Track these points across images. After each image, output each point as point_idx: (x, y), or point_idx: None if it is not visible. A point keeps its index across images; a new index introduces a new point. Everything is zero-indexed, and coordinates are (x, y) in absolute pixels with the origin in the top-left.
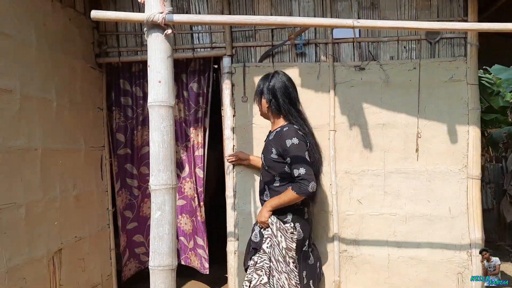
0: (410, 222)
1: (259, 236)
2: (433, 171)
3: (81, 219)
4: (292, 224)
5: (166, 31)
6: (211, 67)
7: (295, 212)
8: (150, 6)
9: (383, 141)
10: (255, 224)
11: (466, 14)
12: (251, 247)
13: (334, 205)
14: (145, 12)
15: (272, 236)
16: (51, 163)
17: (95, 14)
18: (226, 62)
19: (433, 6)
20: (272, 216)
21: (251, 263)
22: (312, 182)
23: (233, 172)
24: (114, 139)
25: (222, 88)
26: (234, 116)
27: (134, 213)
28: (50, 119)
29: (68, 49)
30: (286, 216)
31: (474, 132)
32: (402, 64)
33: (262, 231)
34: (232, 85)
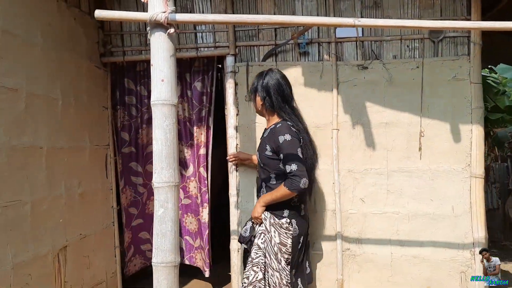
0: (413, 221)
1: (249, 231)
2: (436, 170)
3: (86, 216)
4: (288, 220)
5: (169, 30)
6: (215, 66)
7: (292, 208)
8: (153, 6)
9: (386, 140)
10: (249, 220)
11: (469, 13)
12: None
13: (337, 203)
14: (148, 11)
15: (265, 232)
16: (56, 161)
17: (99, 13)
18: (229, 61)
19: (436, 5)
20: (265, 211)
21: (249, 259)
22: (304, 178)
23: (236, 171)
24: (119, 138)
25: (226, 87)
26: (237, 115)
27: (139, 210)
28: (55, 118)
29: (73, 48)
30: (282, 212)
31: (478, 131)
32: (405, 63)
33: (255, 226)
34: (236, 84)
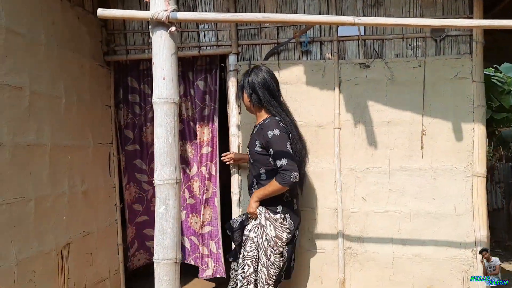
0: (414, 220)
1: (238, 222)
2: (438, 168)
3: (89, 214)
4: (282, 216)
5: (170, 29)
6: (218, 65)
7: (285, 203)
8: (155, 4)
9: (388, 138)
10: (243, 214)
11: (471, 12)
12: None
13: (339, 202)
14: (150, 10)
15: (259, 226)
16: (60, 159)
17: (101, 12)
18: (231, 60)
19: (438, 4)
20: (260, 206)
21: (243, 252)
22: (295, 172)
23: (238, 169)
24: (122, 135)
25: (228, 86)
26: (239, 113)
27: (144, 206)
28: (59, 116)
29: (76, 47)
30: (276, 208)
31: (480, 130)
32: (407, 62)
33: (250, 221)
34: (238, 82)
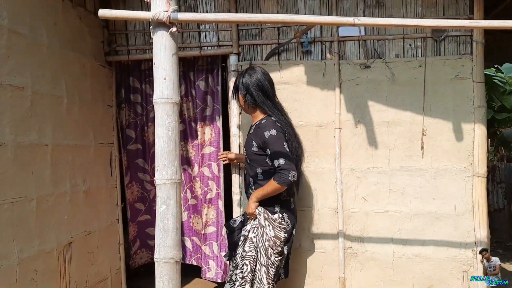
0: (415, 220)
1: (238, 222)
2: (438, 168)
3: (90, 213)
4: (280, 215)
5: (171, 29)
6: (220, 65)
7: (282, 203)
8: (156, 5)
9: (388, 138)
10: (241, 215)
11: (472, 12)
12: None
13: (339, 202)
14: (151, 10)
15: (258, 226)
16: (61, 158)
17: (102, 12)
18: (232, 60)
19: (438, 4)
20: (259, 207)
21: (242, 252)
22: (293, 171)
23: (238, 169)
24: (124, 135)
25: (229, 86)
26: (240, 113)
27: (146, 206)
28: (61, 116)
29: (78, 47)
30: (274, 208)
31: (480, 130)
32: (407, 62)
33: (249, 221)
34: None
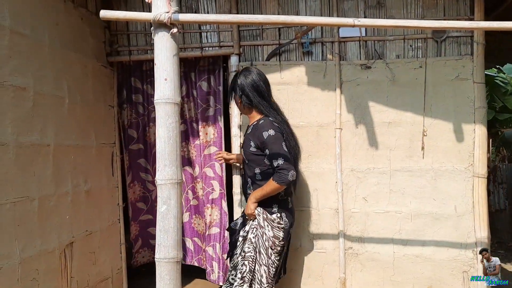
0: (415, 220)
1: (239, 225)
2: (438, 169)
3: (92, 213)
4: (278, 215)
5: (172, 30)
6: (221, 65)
7: (280, 202)
8: (157, 6)
9: (389, 139)
10: (240, 215)
11: (472, 13)
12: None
13: (340, 202)
14: (152, 11)
15: (258, 227)
16: (63, 158)
17: (104, 14)
18: (233, 60)
19: (439, 5)
20: (258, 207)
21: (241, 253)
22: (292, 171)
23: (239, 169)
24: (126, 135)
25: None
26: (241, 114)
27: (148, 206)
28: (62, 116)
29: (80, 48)
30: (272, 208)
31: (480, 130)
32: (408, 63)
33: (248, 222)
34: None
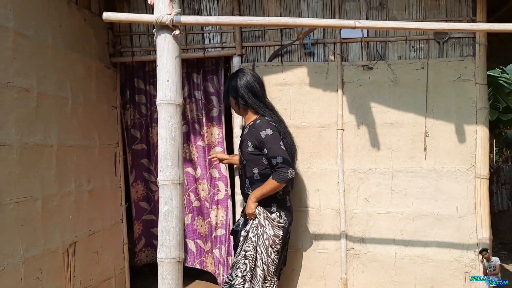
0: (417, 221)
1: (240, 226)
2: (440, 170)
3: (95, 213)
4: (278, 214)
5: (174, 32)
6: (223, 66)
7: (279, 201)
8: (159, 8)
9: (390, 140)
10: (241, 216)
11: (474, 14)
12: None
13: (342, 203)
14: (154, 13)
15: (258, 226)
16: (66, 159)
17: (107, 15)
18: (236, 61)
19: (441, 6)
20: (258, 207)
21: (241, 252)
22: (290, 169)
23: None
24: (129, 135)
25: None
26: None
27: (151, 206)
28: (65, 117)
29: (83, 49)
30: (271, 207)
31: (482, 132)
32: (410, 64)
33: (249, 221)
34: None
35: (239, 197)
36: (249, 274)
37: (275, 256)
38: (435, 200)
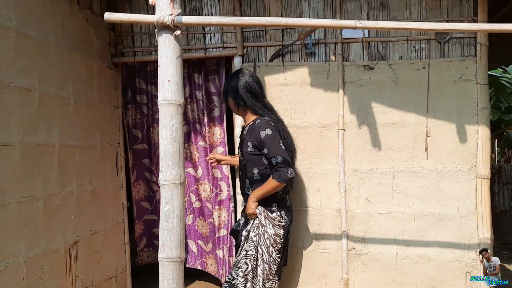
0: (418, 221)
1: (240, 226)
2: (441, 170)
3: (96, 213)
4: (278, 213)
5: (175, 32)
6: (224, 66)
7: (279, 201)
8: (160, 8)
9: (391, 140)
10: (241, 216)
11: (476, 14)
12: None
13: (343, 203)
14: (155, 14)
15: (259, 225)
16: (68, 158)
17: (108, 16)
18: (237, 61)
19: (442, 6)
20: (259, 206)
21: (242, 252)
22: (290, 168)
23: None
24: (131, 135)
25: None
26: None
27: (153, 206)
28: (67, 117)
29: (85, 49)
30: (272, 207)
31: (483, 132)
32: (411, 64)
33: (250, 221)
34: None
35: (240, 197)
36: (250, 273)
37: (277, 256)
38: (436, 200)
